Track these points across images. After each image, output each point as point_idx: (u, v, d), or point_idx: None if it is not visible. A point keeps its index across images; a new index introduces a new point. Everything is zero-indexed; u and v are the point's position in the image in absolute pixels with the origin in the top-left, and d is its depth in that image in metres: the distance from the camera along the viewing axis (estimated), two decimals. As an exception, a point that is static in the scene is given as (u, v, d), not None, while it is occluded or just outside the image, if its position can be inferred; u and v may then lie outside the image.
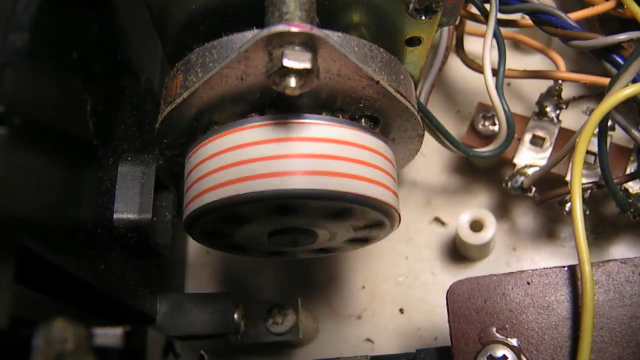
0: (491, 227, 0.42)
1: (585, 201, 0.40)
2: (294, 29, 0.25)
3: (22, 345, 0.20)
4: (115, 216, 0.32)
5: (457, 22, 0.42)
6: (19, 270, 0.22)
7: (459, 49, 0.44)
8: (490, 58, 0.38)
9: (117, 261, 0.32)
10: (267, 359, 0.44)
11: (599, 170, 0.39)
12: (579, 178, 0.31)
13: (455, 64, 0.47)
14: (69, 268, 0.26)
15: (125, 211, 0.32)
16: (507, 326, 0.32)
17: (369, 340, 0.45)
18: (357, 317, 0.46)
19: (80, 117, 0.29)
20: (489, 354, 0.31)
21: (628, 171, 0.41)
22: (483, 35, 0.38)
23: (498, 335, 0.32)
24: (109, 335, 0.21)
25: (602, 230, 0.45)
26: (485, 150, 0.41)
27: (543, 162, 0.42)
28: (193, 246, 0.49)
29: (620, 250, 0.44)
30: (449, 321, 0.32)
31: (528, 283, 0.32)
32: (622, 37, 0.35)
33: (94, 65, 0.31)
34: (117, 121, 0.34)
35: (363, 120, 0.31)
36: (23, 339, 0.20)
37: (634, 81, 0.33)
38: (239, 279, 0.48)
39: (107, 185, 0.32)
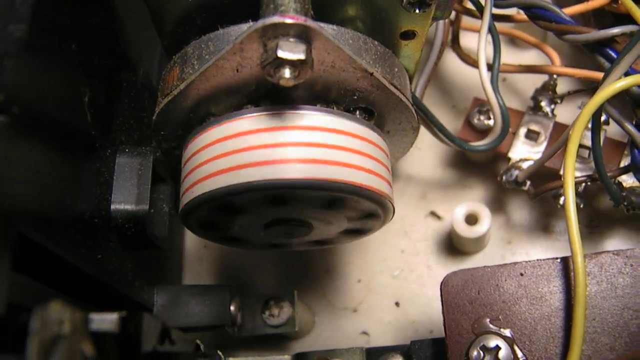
0: (486, 221, 0.43)
1: (579, 195, 0.40)
2: (289, 20, 0.26)
3: (19, 331, 0.21)
4: (112, 207, 0.32)
5: (452, 17, 0.42)
6: (17, 258, 0.22)
7: (455, 43, 0.45)
8: (485, 53, 0.39)
9: (115, 252, 0.32)
10: (264, 351, 0.44)
11: (593, 164, 0.39)
12: (571, 169, 0.32)
13: (450, 59, 0.48)
14: (67, 257, 0.26)
15: (123, 202, 0.32)
16: (500, 317, 0.32)
17: (364, 333, 0.45)
18: (353, 310, 0.46)
19: (78, 108, 0.29)
20: (482, 344, 0.31)
21: (622, 165, 0.41)
22: (478, 31, 0.39)
23: (491, 325, 0.32)
24: (105, 320, 0.22)
25: (596, 224, 0.45)
26: (481, 144, 0.41)
27: (538, 156, 0.42)
28: (191, 239, 0.49)
29: (614, 243, 0.44)
30: (442, 312, 0.33)
31: (521, 274, 0.32)
32: (615, 30, 0.35)
33: (92, 58, 0.31)
34: (115, 113, 0.34)
35: (357, 113, 0.32)
36: (20, 326, 0.21)
37: (626, 74, 0.33)
38: (235, 272, 0.48)
39: (104, 176, 0.32)
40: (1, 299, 0.21)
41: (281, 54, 0.25)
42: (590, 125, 0.35)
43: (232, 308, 0.39)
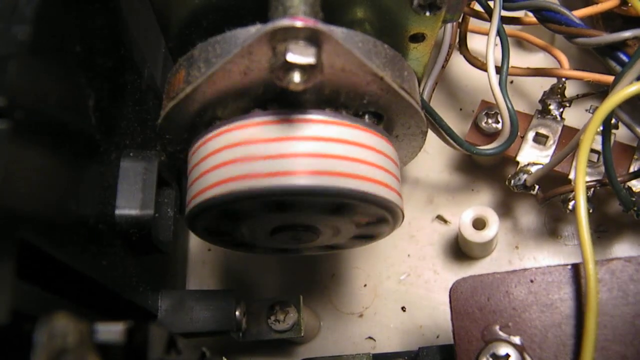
0: (494, 225, 0.42)
1: (588, 200, 0.40)
2: (299, 24, 0.25)
3: (24, 340, 0.20)
4: (117, 212, 0.32)
5: (460, 19, 0.42)
6: (20, 265, 0.21)
7: (462, 46, 0.44)
8: (493, 55, 0.38)
9: (119, 257, 0.32)
10: (269, 356, 0.44)
11: (602, 168, 0.39)
12: (583, 175, 0.31)
13: (458, 62, 0.47)
14: (71, 263, 0.26)
15: (127, 207, 0.32)
16: (510, 324, 0.31)
17: (370, 338, 0.45)
18: (359, 315, 0.45)
19: (82, 112, 0.29)
20: (491, 352, 0.31)
21: (632, 169, 0.41)
22: (486, 33, 0.38)
23: (501, 333, 0.31)
24: (111, 330, 0.21)
25: (605, 229, 0.45)
26: (489, 148, 0.41)
27: (546, 160, 0.42)
28: (194, 243, 0.49)
29: (623, 249, 0.44)
30: (451, 319, 0.32)
31: (531, 281, 0.32)
32: (627, 34, 0.34)
33: (97, 60, 0.31)
34: (119, 116, 0.34)
35: (366, 117, 0.31)
36: (25, 335, 0.20)
37: (638, 79, 0.33)
38: (240, 276, 0.48)
39: (109, 180, 0.32)
40: (5, 307, 0.20)
41: (290, 57, 0.25)
42: (600, 130, 0.34)
43: (237, 313, 0.39)
